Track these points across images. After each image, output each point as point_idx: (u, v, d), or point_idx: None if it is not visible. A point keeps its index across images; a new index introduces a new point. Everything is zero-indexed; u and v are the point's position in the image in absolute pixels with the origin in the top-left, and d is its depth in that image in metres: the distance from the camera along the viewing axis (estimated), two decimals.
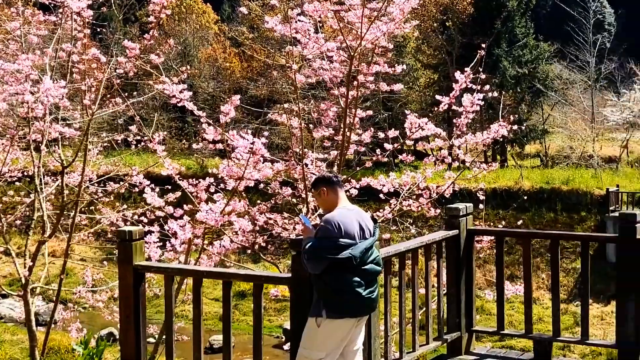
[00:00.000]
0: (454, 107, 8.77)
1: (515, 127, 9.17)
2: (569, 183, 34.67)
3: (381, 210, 9.56)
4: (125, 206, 12.56)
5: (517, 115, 33.13)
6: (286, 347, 14.76)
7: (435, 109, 9.58)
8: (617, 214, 30.34)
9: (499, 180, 35.07)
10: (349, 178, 9.14)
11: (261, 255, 13.48)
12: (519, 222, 22.34)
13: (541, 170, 40.28)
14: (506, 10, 44.70)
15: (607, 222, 30.83)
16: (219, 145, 8.85)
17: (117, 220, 11.49)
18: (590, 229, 31.77)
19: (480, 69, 8.61)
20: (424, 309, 6.92)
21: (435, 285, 7.11)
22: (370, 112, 9.59)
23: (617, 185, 32.62)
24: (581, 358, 20.14)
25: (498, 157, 44.16)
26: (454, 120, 8.66)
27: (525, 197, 31.22)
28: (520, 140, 44.40)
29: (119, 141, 15.20)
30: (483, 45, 10.59)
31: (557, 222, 32.60)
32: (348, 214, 5.34)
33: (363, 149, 8.86)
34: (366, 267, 5.25)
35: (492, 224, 27.07)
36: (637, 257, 6.60)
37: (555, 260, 7.18)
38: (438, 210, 9.69)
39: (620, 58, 50.23)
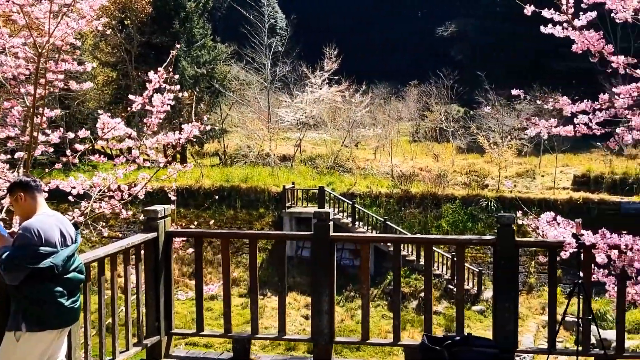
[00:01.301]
0: (141, 108, 8.68)
1: (203, 127, 9.30)
2: (247, 181, 36.07)
3: (70, 213, 9.16)
4: None
5: (207, 116, 33.75)
6: None
7: (117, 107, 9.40)
8: (294, 209, 32.54)
9: (180, 178, 35.38)
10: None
11: None
12: (200, 220, 22.68)
13: (221, 168, 41.36)
14: (184, 11, 45.28)
15: (284, 218, 32.61)
16: None
17: None
18: (268, 224, 33.41)
19: (170, 69, 8.65)
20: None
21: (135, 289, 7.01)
22: (58, 111, 9.16)
23: (293, 183, 34.68)
24: (279, 353, 21.04)
25: (178, 155, 44.53)
26: (145, 120, 8.59)
27: (206, 195, 31.95)
28: (199, 139, 45.19)
29: None
30: (178, 46, 10.59)
31: (237, 219, 33.78)
32: (48, 221, 5.06)
33: (52, 149, 8.40)
34: (68, 275, 5.04)
35: (174, 223, 27.19)
36: (329, 256, 7.09)
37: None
38: (131, 212, 9.54)
39: (293, 61, 53.43)
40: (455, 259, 27.38)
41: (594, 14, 6.75)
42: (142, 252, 7.06)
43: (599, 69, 47.33)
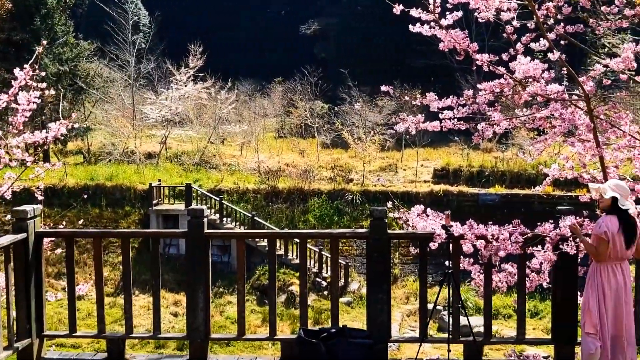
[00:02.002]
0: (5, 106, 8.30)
1: (71, 125, 9.00)
2: (113, 179, 35.17)
3: None
4: None
5: (77, 114, 32.53)
6: None
7: None
8: (160, 207, 31.98)
9: (43, 178, 33.94)
10: None
11: None
12: (66, 220, 21.96)
13: (85, 167, 40.08)
14: (45, 8, 43.45)
15: (150, 216, 31.99)
16: None
17: None
18: (134, 223, 32.68)
19: (36, 66, 8.30)
20: None
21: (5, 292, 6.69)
22: None
23: (159, 180, 34.07)
24: (149, 351, 20.55)
25: (41, 154, 42.73)
26: (10, 119, 8.21)
27: (70, 195, 30.85)
28: (63, 137, 43.54)
29: None
30: (44, 43, 10.13)
31: (103, 218, 32.87)
32: None
33: None
34: None
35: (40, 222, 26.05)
36: (204, 253, 7.03)
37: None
38: None
39: (158, 58, 52.49)
40: (322, 252, 28.01)
41: (460, 13, 7.02)
42: (12, 253, 6.76)
43: (456, 66, 49.34)
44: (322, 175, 39.11)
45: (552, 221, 6.73)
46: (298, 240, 7.59)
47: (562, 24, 7.36)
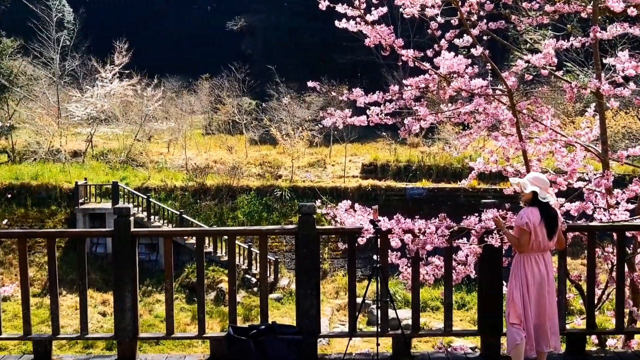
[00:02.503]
0: None
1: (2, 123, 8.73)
2: (38, 178, 34.31)
3: None
4: None
5: (0, 113, 31.53)
6: None
7: None
8: (87, 206, 31.32)
9: None
10: None
11: None
12: None
13: (9, 166, 38.93)
14: None
15: (77, 215, 31.33)
16: None
17: None
18: (61, 222, 31.93)
19: None
20: None
21: None
22: None
23: (85, 178, 33.37)
24: (77, 352, 20.05)
25: None
26: None
27: None
28: None
29: None
30: None
31: (28, 218, 32.06)
32: None
33: None
34: None
35: None
36: (131, 252, 6.89)
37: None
38: None
39: (83, 55, 51.36)
40: (251, 248, 27.90)
41: (385, 9, 7.07)
42: None
43: (382, 62, 49.80)
44: (250, 171, 38.95)
45: (477, 214, 6.85)
46: (227, 237, 7.53)
47: (484, 21, 7.50)
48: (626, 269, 7.60)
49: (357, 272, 7.50)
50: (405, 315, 12.36)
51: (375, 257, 6.91)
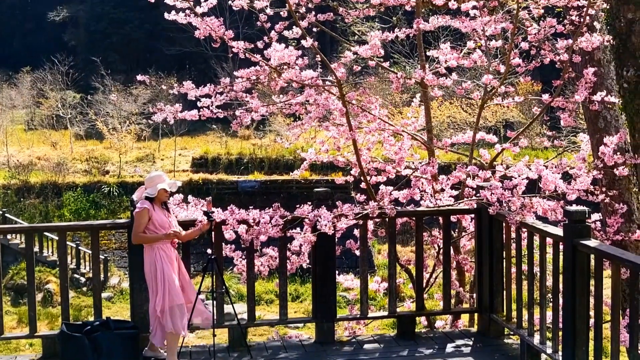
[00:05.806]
0: None
1: None
2: None
3: None
4: None
5: None
6: None
7: None
8: None
9: None
10: None
11: None
12: None
13: None
14: None
15: None
16: None
17: None
18: None
19: None
20: None
21: None
22: None
23: None
24: None
25: None
26: None
27: None
28: None
29: None
30: None
31: None
32: None
33: None
34: None
35: None
36: None
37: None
38: None
39: None
40: (80, 247, 26.82)
41: (214, 0, 7.01)
42: None
43: (211, 54, 49.43)
44: (76, 167, 37.54)
45: (309, 203, 6.96)
46: (57, 235, 7.29)
47: (313, 12, 7.61)
48: (452, 252, 8.00)
49: (191, 267, 7.42)
50: (240, 309, 12.33)
51: (209, 250, 6.87)
